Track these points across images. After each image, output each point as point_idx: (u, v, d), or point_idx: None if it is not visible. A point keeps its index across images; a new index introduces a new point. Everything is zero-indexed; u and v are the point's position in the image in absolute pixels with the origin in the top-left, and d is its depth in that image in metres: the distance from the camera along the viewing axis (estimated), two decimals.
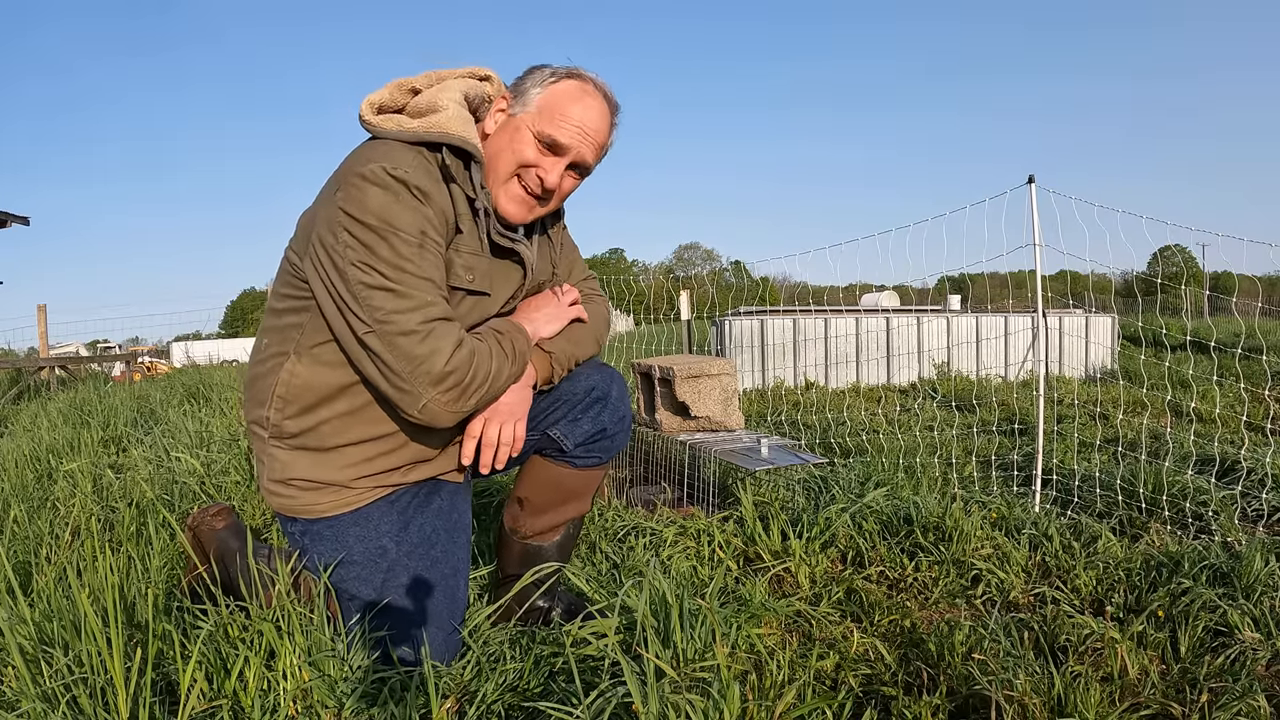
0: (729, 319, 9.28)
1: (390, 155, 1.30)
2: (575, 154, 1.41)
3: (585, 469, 1.69)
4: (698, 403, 3.05)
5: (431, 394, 1.28)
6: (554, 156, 1.41)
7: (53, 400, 6.44)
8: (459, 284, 1.38)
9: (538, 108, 1.40)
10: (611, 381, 1.66)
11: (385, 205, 1.26)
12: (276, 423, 1.40)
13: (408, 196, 1.27)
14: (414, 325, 1.26)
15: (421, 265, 1.28)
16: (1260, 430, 4.60)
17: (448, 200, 1.35)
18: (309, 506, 1.43)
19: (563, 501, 1.71)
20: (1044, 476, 3.37)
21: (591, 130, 1.41)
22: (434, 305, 1.29)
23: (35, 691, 1.18)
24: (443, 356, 1.27)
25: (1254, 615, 1.79)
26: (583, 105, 1.40)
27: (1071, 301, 11.09)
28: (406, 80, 1.47)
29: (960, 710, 1.43)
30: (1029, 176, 3.20)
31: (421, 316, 1.27)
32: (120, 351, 19.16)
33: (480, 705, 1.31)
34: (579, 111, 1.40)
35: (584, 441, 1.64)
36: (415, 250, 1.28)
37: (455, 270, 1.38)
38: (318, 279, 1.32)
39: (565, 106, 1.40)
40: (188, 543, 1.60)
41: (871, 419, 5.51)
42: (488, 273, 1.44)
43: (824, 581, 2.08)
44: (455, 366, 1.29)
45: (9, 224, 11.61)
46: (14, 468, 3.30)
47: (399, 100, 1.45)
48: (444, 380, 1.28)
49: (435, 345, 1.27)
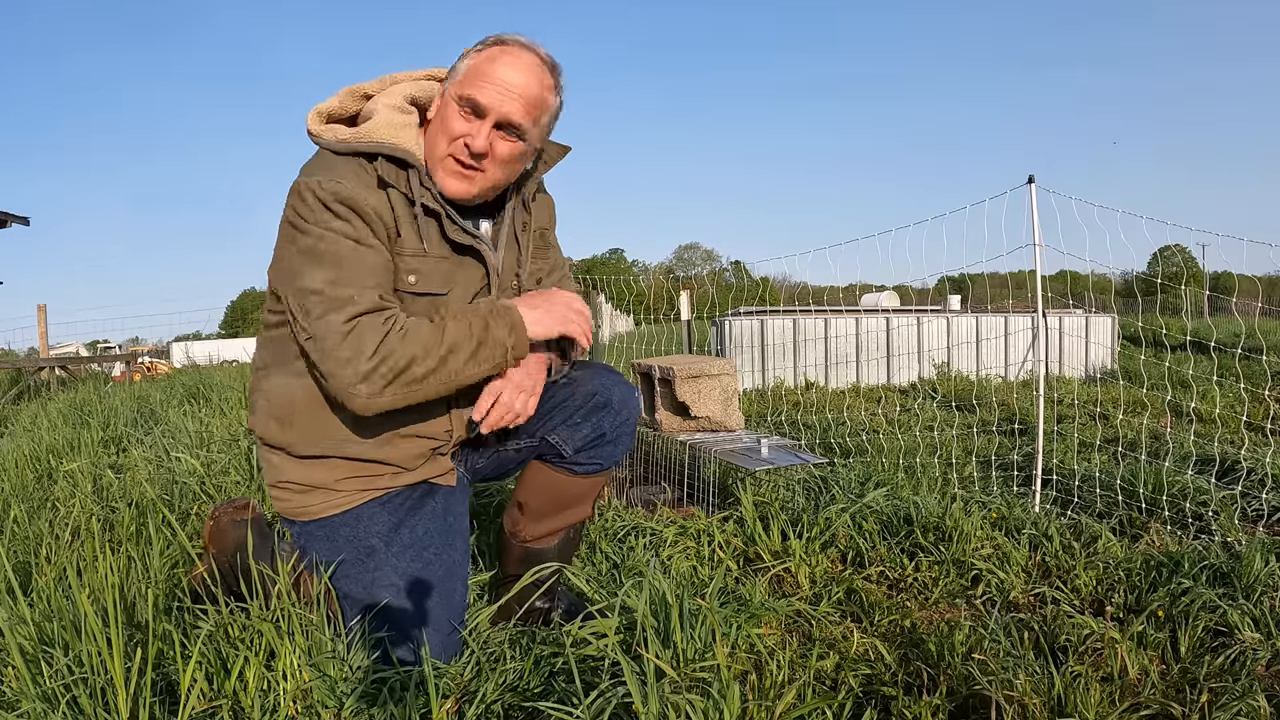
0: (729, 319, 9.27)
1: (327, 168, 1.35)
2: (498, 113, 1.35)
3: (586, 476, 1.67)
4: (698, 403, 3.05)
5: (363, 389, 1.30)
6: (478, 120, 1.36)
7: (53, 400, 6.44)
8: (403, 288, 1.39)
9: (461, 78, 1.38)
10: (614, 386, 1.64)
11: (320, 217, 1.31)
12: (264, 430, 1.48)
13: (341, 207, 1.32)
14: (339, 324, 1.29)
15: (355, 267, 1.32)
16: (1260, 430, 4.60)
17: (386, 206, 1.36)
18: (303, 509, 1.47)
19: (563, 508, 1.70)
20: (1044, 476, 3.37)
21: (516, 86, 1.36)
22: (357, 302, 1.30)
23: (35, 691, 1.18)
24: (366, 351, 1.29)
25: (1254, 615, 1.79)
26: (502, 63, 1.36)
27: (1071, 301, 11.08)
28: (359, 86, 1.48)
29: (960, 710, 1.43)
30: (1029, 177, 3.20)
31: (346, 315, 1.30)
32: (120, 352, 19.15)
33: (480, 705, 1.31)
34: (498, 70, 1.35)
35: (583, 447, 1.62)
36: (350, 255, 1.32)
37: (399, 275, 1.39)
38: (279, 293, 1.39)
39: (486, 68, 1.36)
40: (207, 531, 1.60)
41: (871, 419, 5.51)
42: (441, 271, 1.43)
43: (824, 581, 2.08)
44: (385, 354, 1.29)
45: (9, 224, 11.62)
46: (14, 468, 3.30)
47: (350, 108, 1.46)
48: (374, 372, 1.29)
49: (357, 343, 1.29)
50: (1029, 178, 3.20)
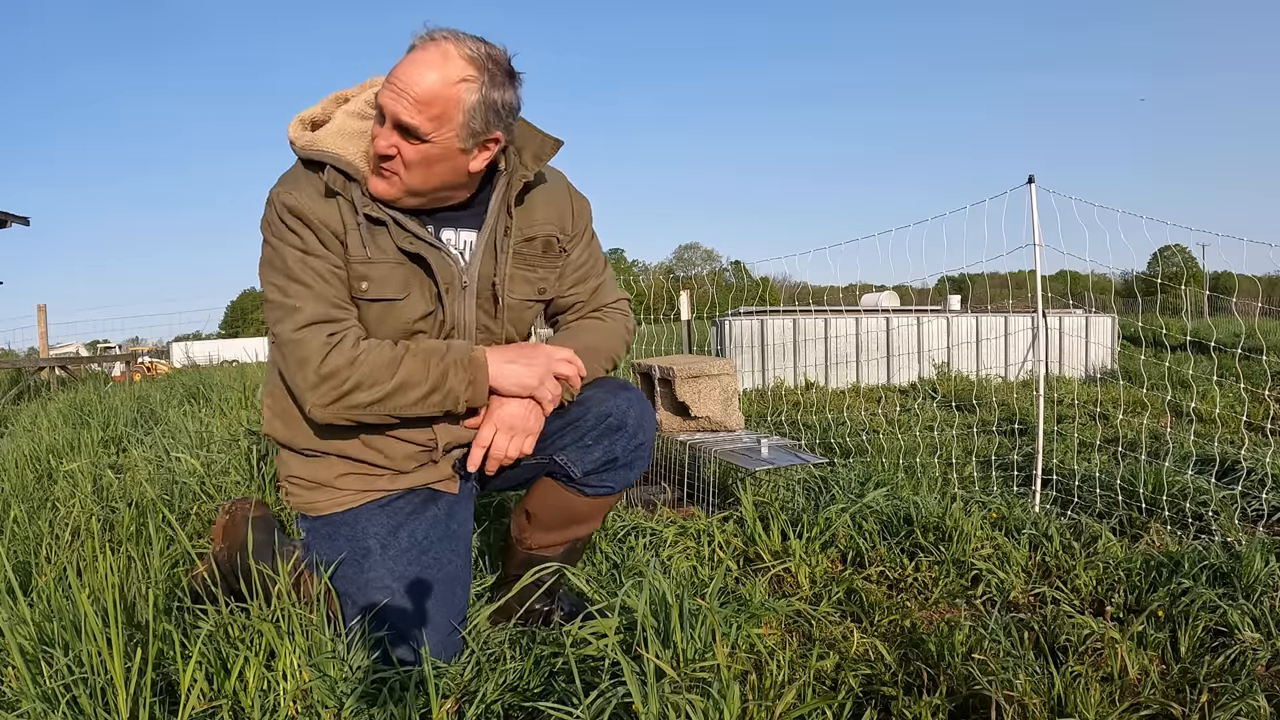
0: (729, 319, 9.27)
1: (291, 178, 1.39)
2: (391, 115, 1.29)
3: (595, 497, 1.64)
4: (698, 403, 3.05)
5: (310, 398, 1.34)
6: (382, 124, 1.31)
7: (53, 400, 6.43)
8: (357, 294, 1.40)
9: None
10: (630, 407, 1.57)
11: (277, 228, 1.37)
12: (271, 428, 1.52)
13: (290, 218, 1.35)
14: (289, 334, 1.34)
15: (302, 277, 1.35)
16: (1260, 430, 4.60)
17: (335, 215, 1.37)
18: (310, 504, 1.50)
19: (570, 524, 1.68)
20: (1044, 476, 3.37)
21: (409, 85, 1.27)
22: (301, 311, 1.33)
23: (35, 691, 1.18)
24: (313, 364, 1.32)
25: (1254, 615, 1.79)
26: (406, 61, 1.29)
27: (1071, 301, 11.08)
28: (342, 93, 1.48)
29: (960, 710, 1.43)
30: (1029, 176, 3.20)
31: (293, 324, 1.33)
32: (120, 352, 19.15)
33: (480, 705, 1.31)
34: (400, 69, 1.29)
35: (594, 470, 1.59)
36: (298, 265, 1.36)
37: (353, 281, 1.39)
38: None
39: (395, 68, 1.30)
40: (220, 525, 1.60)
41: (871, 419, 5.51)
42: (397, 277, 1.41)
43: (824, 581, 2.08)
44: (330, 371, 1.32)
45: (9, 224, 11.63)
46: (14, 468, 3.30)
47: (331, 113, 1.45)
48: (320, 385, 1.33)
49: (304, 353, 1.32)
50: (1029, 177, 3.20)
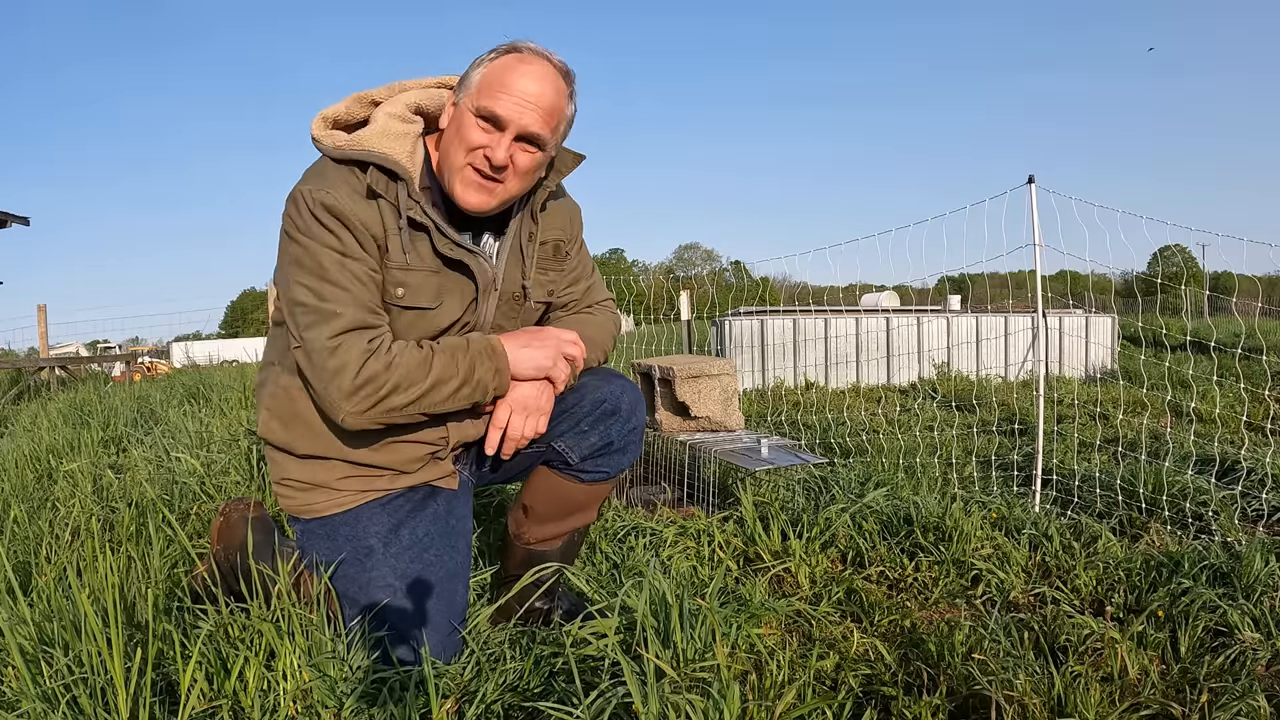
0: (729, 319, 9.27)
1: (320, 176, 1.35)
2: (518, 126, 1.34)
3: (592, 483, 1.66)
4: (698, 403, 3.05)
5: (346, 405, 1.31)
6: (498, 132, 1.35)
7: (53, 400, 6.43)
8: (391, 300, 1.39)
9: (477, 88, 1.36)
10: (623, 393, 1.62)
11: (309, 227, 1.32)
12: (266, 430, 1.48)
13: (328, 218, 1.32)
14: (324, 340, 1.30)
15: (340, 280, 1.32)
16: (1260, 430, 4.60)
17: (375, 218, 1.35)
18: (306, 506, 1.48)
19: (568, 513, 1.69)
20: (1044, 476, 3.37)
21: (532, 97, 1.34)
22: (341, 317, 1.31)
23: (35, 691, 1.18)
24: (350, 371, 1.30)
25: (1254, 615, 1.79)
26: (519, 73, 1.34)
27: (1071, 301, 11.08)
28: (366, 93, 1.46)
29: (960, 710, 1.43)
30: (1029, 177, 3.20)
31: (330, 330, 1.30)
32: (120, 352, 19.15)
33: (480, 705, 1.30)
34: (516, 81, 1.34)
35: (590, 455, 1.62)
36: (335, 268, 1.32)
37: (387, 287, 1.38)
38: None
39: (502, 78, 1.34)
40: (216, 527, 1.60)
41: (871, 419, 5.51)
42: (431, 286, 1.42)
43: (824, 581, 2.08)
44: (368, 377, 1.31)
45: (9, 224, 11.63)
46: (14, 468, 3.30)
47: (356, 114, 1.45)
48: (356, 393, 1.31)
49: (343, 359, 1.30)
50: (1029, 178, 3.20)
